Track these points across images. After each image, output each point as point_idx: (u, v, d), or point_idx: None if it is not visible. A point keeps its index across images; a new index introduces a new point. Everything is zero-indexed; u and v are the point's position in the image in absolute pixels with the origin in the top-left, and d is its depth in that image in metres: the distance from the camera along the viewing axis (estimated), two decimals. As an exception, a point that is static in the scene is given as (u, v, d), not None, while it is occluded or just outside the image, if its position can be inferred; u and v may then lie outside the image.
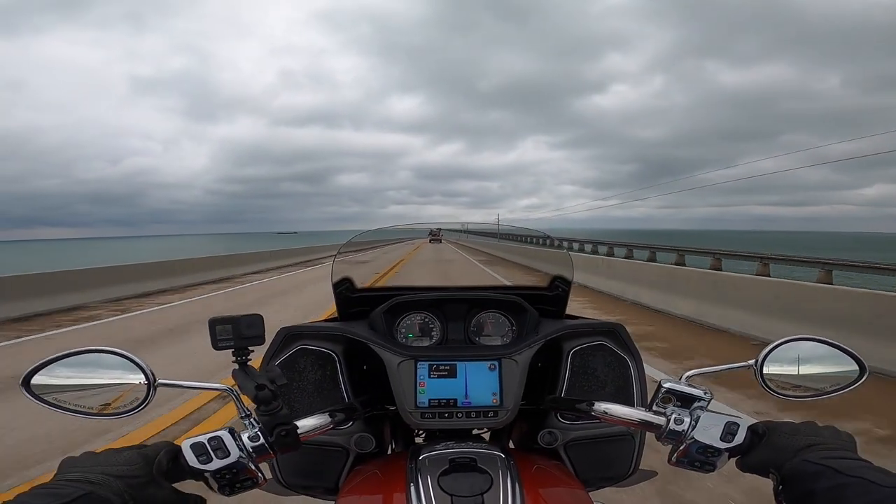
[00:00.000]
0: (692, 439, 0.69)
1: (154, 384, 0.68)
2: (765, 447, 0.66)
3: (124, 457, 0.60)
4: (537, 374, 1.06)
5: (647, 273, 9.63)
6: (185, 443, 0.65)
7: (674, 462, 0.72)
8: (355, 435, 0.95)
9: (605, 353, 1.03)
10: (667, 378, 0.75)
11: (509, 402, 0.91)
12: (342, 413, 0.83)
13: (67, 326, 7.31)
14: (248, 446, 0.67)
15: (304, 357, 1.00)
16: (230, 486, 0.66)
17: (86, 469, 0.57)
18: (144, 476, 0.59)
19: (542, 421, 0.99)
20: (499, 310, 1.11)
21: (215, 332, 0.73)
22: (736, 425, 0.69)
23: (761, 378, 0.74)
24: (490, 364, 0.93)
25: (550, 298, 1.18)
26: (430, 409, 0.90)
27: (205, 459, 0.64)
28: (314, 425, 0.76)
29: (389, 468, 0.84)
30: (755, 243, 44.66)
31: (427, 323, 1.10)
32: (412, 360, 0.92)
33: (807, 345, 0.76)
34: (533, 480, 0.76)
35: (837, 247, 44.43)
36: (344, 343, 1.02)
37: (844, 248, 34.68)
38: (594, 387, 1.01)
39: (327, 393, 0.99)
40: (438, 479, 0.72)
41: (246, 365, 0.74)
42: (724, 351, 5.65)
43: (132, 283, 10.76)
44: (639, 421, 0.75)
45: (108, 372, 0.68)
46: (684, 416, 0.71)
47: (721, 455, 0.68)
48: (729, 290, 6.96)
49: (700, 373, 0.76)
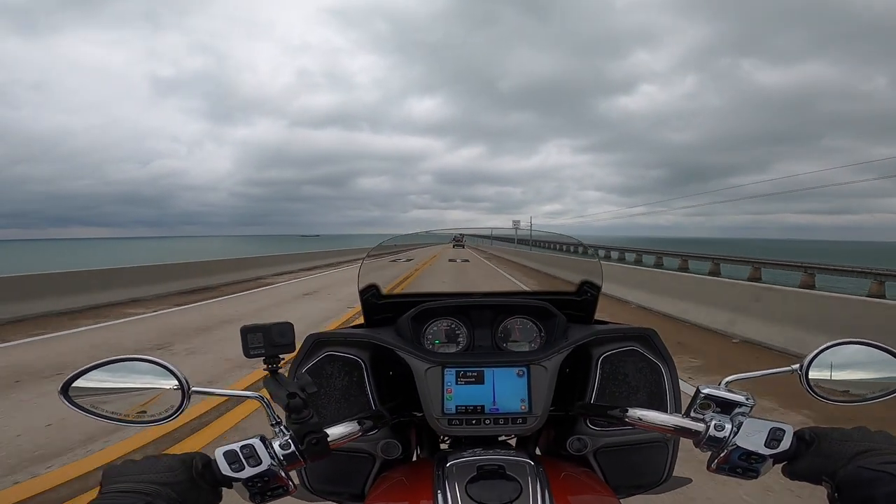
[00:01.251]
0: (734, 446, 0.67)
1: (188, 392, 0.69)
2: (814, 454, 0.64)
3: (165, 464, 0.61)
4: (566, 380, 1.05)
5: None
6: (218, 451, 0.65)
7: (714, 469, 0.69)
8: (382, 441, 0.95)
9: (637, 358, 1.01)
10: (705, 384, 0.73)
11: (538, 408, 0.89)
12: (370, 420, 0.83)
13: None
14: (280, 454, 0.67)
15: (332, 364, 1.00)
16: (261, 494, 0.66)
17: (132, 478, 0.59)
18: (187, 482, 0.61)
19: (570, 427, 0.98)
20: (526, 315, 1.09)
21: (247, 341, 0.74)
22: (782, 431, 0.66)
23: (807, 383, 0.72)
24: (518, 370, 0.92)
25: (579, 304, 1.16)
26: (457, 416, 0.89)
27: (237, 467, 0.64)
28: (343, 433, 0.76)
29: (416, 475, 0.83)
30: (793, 253, 43.11)
31: (454, 329, 1.09)
32: (439, 367, 0.92)
33: (853, 348, 0.73)
34: (562, 488, 0.74)
35: (880, 257, 42.50)
36: (371, 349, 1.02)
37: (886, 259, 33.06)
38: (625, 393, 0.99)
39: (354, 399, 0.99)
40: (466, 487, 0.71)
41: (277, 373, 0.75)
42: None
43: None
44: (676, 427, 0.73)
45: (143, 379, 0.69)
46: (725, 422, 0.69)
47: (765, 462, 0.66)
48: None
49: (740, 378, 0.73)
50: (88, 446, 3.04)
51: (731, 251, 36.52)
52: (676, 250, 35.11)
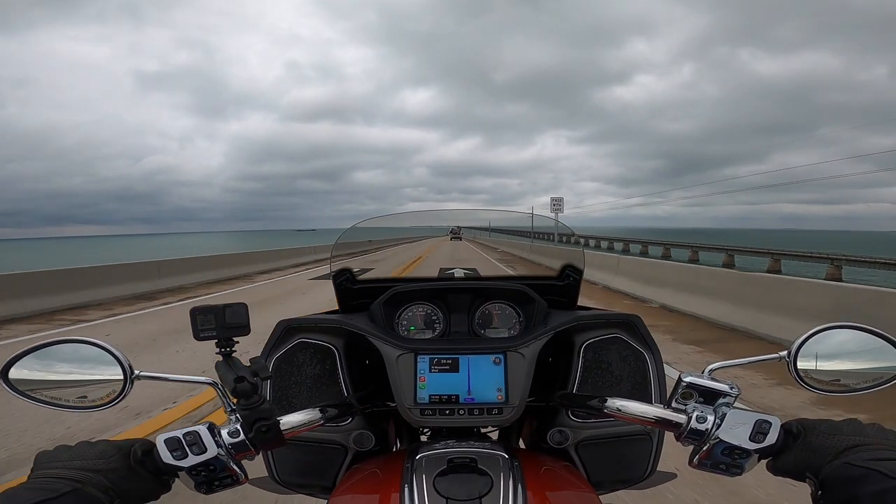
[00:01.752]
0: (717, 439, 0.62)
1: (132, 377, 0.65)
2: (801, 448, 0.59)
3: (99, 450, 0.58)
4: (548, 369, 1.01)
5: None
6: (160, 437, 0.62)
7: (696, 464, 0.65)
8: (354, 432, 0.91)
9: (621, 346, 0.97)
10: (688, 372, 0.68)
11: (515, 398, 0.85)
12: (335, 409, 0.79)
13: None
14: (227, 442, 0.63)
15: (303, 351, 0.97)
16: (207, 483, 0.62)
17: (64, 464, 0.56)
18: (123, 469, 0.58)
19: (552, 419, 0.94)
20: (505, 300, 1.06)
21: (196, 322, 0.70)
22: (768, 424, 0.61)
23: (795, 371, 0.67)
24: (494, 358, 0.88)
25: (561, 289, 1.12)
26: (430, 406, 0.85)
27: (179, 455, 0.60)
28: (301, 421, 0.72)
29: (387, 467, 0.80)
30: (789, 243, 43.04)
31: (429, 315, 1.06)
32: (412, 354, 0.88)
33: (846, 334, 0.68)
34: (539, 483, 0.71)
35: (877, 247, 42.37)
36: (344, 336, 0.98)
37: (885, 250, 32.93)
38: (608, 382, 0.95)
39: (326, 388, 0.96)
40: (434, 481, 0.67)
41: (230, 357, 0.70)
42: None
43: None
44: (656, 419, 0.69)
45: (85, 363, 0.66)
46: (708, 413, 0.64)
47: (750, 457, 0.61)
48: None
49: (725, 365, 0.69)
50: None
51: (729, 241, 36.58)
52: (689, 241, 35.03)
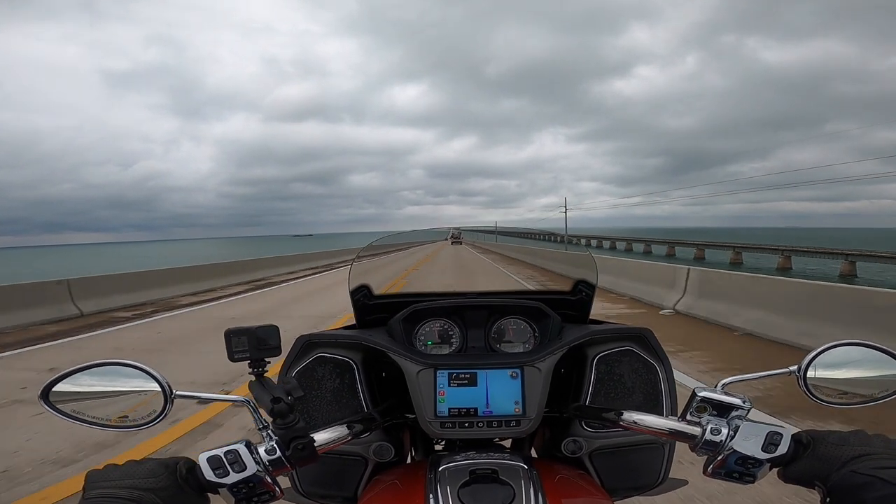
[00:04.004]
0: (731, 450, 0.66)
1: (171, 396, 0.68)
2: (810, 458, 0.63)
3: (148, 469, 0.60)
4: (561, 381, 1.04)
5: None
6: (202, 456, 0.64)
7: (710, 473, 0.69)
8: (374, 444, 0.94)
9: (632, 359, 1.00)
10: (701, 386, 0.71)
11: (532, 410, 0.88)
12: (360, 424, 0.82)
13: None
14: (265, 460, 0.66)
15: (323, 366, 0.99)
16: (246, 500, 0.64)
17: (116, 483, 0.58)
18: (172, 487, 0.60)
19: (565, 429, 0.97)
20: (520, 316, 1.08)
21: (231, 344, 0.73)
22: (779, 435, 0.65)
23: (805, 385, 0.71)
24: (512, 372, 0.90)
25: (573, 303, 1.15)
26: (450, 419, 0.88)
27: (221, 473, 0.63)
28: (331, 437, 0.75)
29: (408, 478, 0.82)
30: (793, 241, 42.75)
31: (446, 330, 1.08)
32: (431, 369, 0.90)
33: (854, 350, 0.72)
34: (557, 491, 0.74)
35: (884, 243, 42.07)
36: (362, 351, 1.00)
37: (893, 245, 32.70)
38: (621, 394, 0.98)
39: (346, 402, 0.98)
40: (459, 492, 0.70)
41: (262, 377, 0.73)
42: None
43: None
44: (671, 431, 0.72)
45: (125, 384, 0.68)
46: (721, 425, 0.68)
47: (762, 466, 0.65)
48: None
49: (737, 380, 0.72)
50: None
51: (734, 240, 36.52)
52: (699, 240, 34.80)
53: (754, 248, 23.42)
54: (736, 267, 23.76)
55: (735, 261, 21.77)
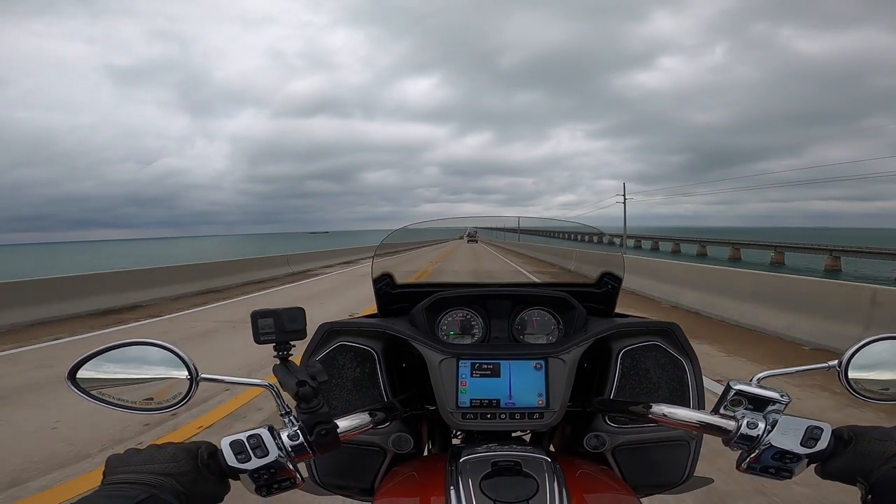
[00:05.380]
0: (767, 444, 0.64)
1: (197, 378, 0.68)
2: (851, 453, 0.61)
3: (169, 453, 0.60)
4: (583, 375, 1.02)
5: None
6: (224, 440, 0.63)
7: (744, 469, 0.66)
8: (393, 435, 0.93)
9: (659, 353, 0.97)
10: (736, 380, 0.69)
11: (556, 403, 0.87)
12: (382, 412, 0.81)
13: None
14: (288, 445, 0.65)
15: (344, 354, 0.99)
16: (268, 486, 0.64)
17: (137, 468, 0.58)
18: (193, 472, 0.59)
19: (587, 424, 0.95)
20: (544, 307, 1.07)
21: (257, 326, 0.72)
22: (819, 430, 0.63)
23: (846, 380, 0.68)
24: (536, 363, 0.89)
25: (599, 296, 1.13)
26: (471, 410, 0.87)
27: (243, 458, 0.62)
28: (354, 425, 0.75)
29: (427, 470, 0.81)
30: (824, 241, 41.14)
31: (469, 320, 1.07)
32: (454, 359, 0.89)
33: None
34: (580, 486, 0.72)
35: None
36: (384, 340, 1.00)
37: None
38: (646, 389, 0.96)
39: (366, 391, 0.98)
40: (480, 483, 0.69)
41: (287, 360, 0.73)
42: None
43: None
44: (703, 424, 0.70)
45: (151, 365, 0.68)
46: (758, 419, 0.65)
47: (800, 461, 0.63)
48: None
49: (773, 374, 0.70)
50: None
51: (760, 240, 35.73)
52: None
53: (799, 248, 21.86)
54: (778, 267, 22.49)
55: (776, 261, 20.83)
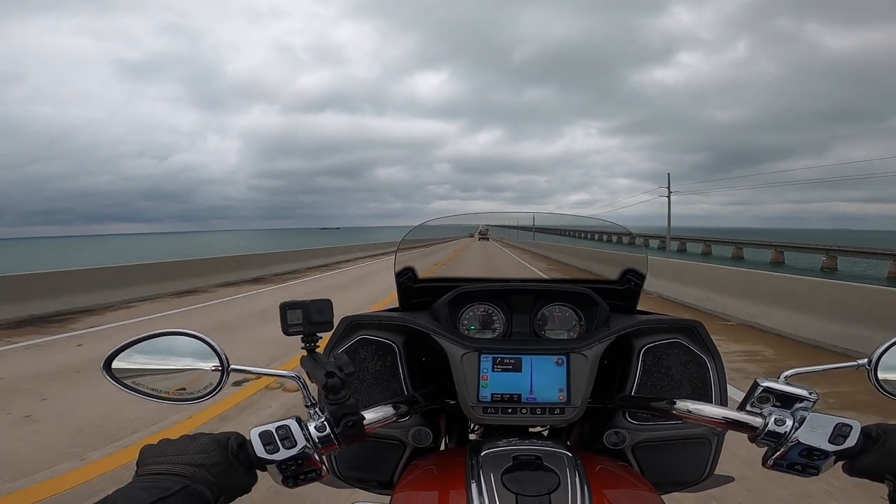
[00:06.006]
0: (795, 441, 0.64)
1: (228, 369, 0.68)
2: (880, 451, 0.61)
3: (201, 444, 0.61)
4: (604, 372, 1.02)
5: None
6: (254, 431, 0.64)
7: (770, 465, 0.66)
8: (413, 429, 0.94)
9: (681, 351, 0.97)
10: (764, 377, 0.69)
11: (577, 399, 0.87)
12: (405, 405, 0.82)
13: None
14: (315, 436, 0.66)
15: (365, 347, 0.99)
16: (293, 477, 0.64)
17: (170, 459, 0.59)
18: (223, 463, 0.60)
19: (607, 420, 0.95)
20: (566, 302, 1.06)
21: (286, 317, 0.73)
22: (848, 427, 0.63)
23: (875, 379, 0.67)
24: (557, 359, 0.89)
25: (621, 293, 1.13)
26: (492, 404, 0.87)
27: (272, 449, 0.63)
28: (379, 417, 0.76)
29: (447, 463, 0.82)
30: (845, 243, 39.58)
31: (490, 315, 1.07)
32: (476, 353, 0.90)
33: None
34: (602, 481, 0.72)
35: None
36: (405, 334, 1.01)
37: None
38: (667, 386, 0.95)
39: (386, 384, 0.98)
40: (502, 477, 0.69)
41: (314, 352, 0.74)
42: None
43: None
44: (729, 421, 0.70)
45: (183, 356, 0.69)
46: (786, 416, 0.65)
47: (827, 458, 0.63)
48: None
49: (801, 372, 0.69)
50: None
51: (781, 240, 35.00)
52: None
53: (857, 253, 20.11)
54: (831, 273, 21.61)
55: (828, 266, 19.80)
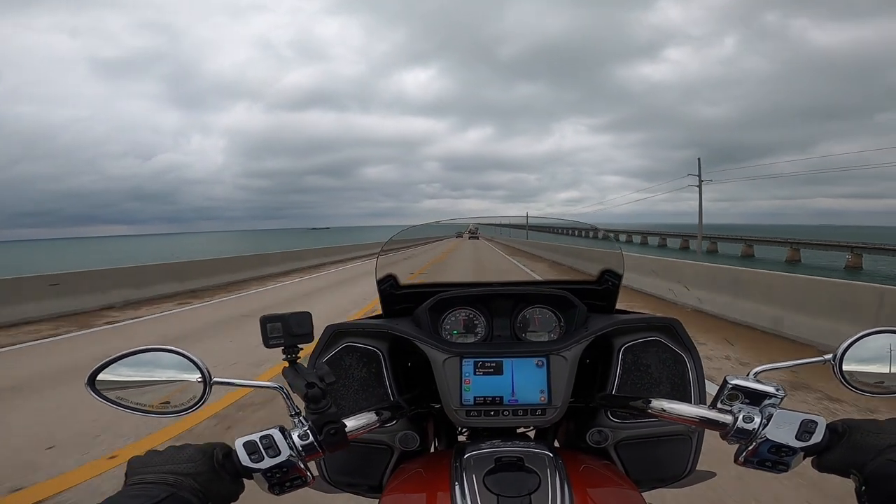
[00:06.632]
0: (763, 438, 0.65)
1: (210, 382, 0.70)
2: (845, 446, 0.62)
3: (187, 454, 0.63)
4: (586, 371, 1.04)
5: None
6: (238, 441, 0.66)
7: (741, 462, 0.68)
8: (399, 433, 0.95)
9: (660, 349, 0.99)
10: (733, 375, 0.71)
11: (558, 399, 0.88)
12: (388, 411, 0.83)
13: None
14: (298, 445, 0.68)
15: (350, 355, 1.01)
16: (280, 485, 0.66)
17: (157, 468, 0.60)
18: (209, 472, 0.62)
19: (590, 419, 0.97)
20: (546, 305, 1.08)
21: (266, 330, 0.75)
22: (814, 423, 0.64)
23: (840, 374, 0.69)
24: (537, 361, 0.91)
25: (599, 293, 1.15)
26: (475, 407, 0.89)
27: (256, 458, 0.65)
28: (361, 424, 0.77)
29: (434, 466, 0.83)
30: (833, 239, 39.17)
31: (472, 319, 1.09)
32: (457, 357, 0.91)
33: (893, 338, 0.70)
34: (582, 480, 0.74)
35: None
36: (389, 340, 1.02)
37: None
38: (647, 384, 0.97)
39: (372, 391, 1.00)
40: (484, 479, 0.71)
41: (296, 363, 0.75)
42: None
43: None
44: (701, 419, 0.72)
45: (166, 370, 0.70)
46: (754, 413, 0.67)
47: (796, 454, 0.65)
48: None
49: (770, 369, 0.71)
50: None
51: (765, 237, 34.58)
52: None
53: (880, 250, 20.46)
54: (856, 273, 21.67)
55: (853, 265, 19.78)
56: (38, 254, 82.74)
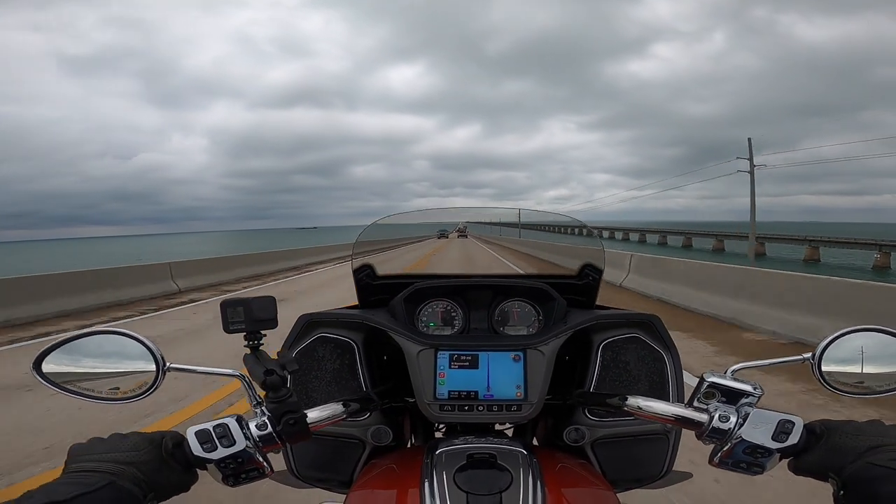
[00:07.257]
0: (739, 438, 0.63)
1: (164, 368, 0.67)
2: (823, 448, 0.60)
3: (131, 442, 0.60)
4: (565, 368, 1.02)
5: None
6: (190, 430, 0.63)
7: (716, 463, 0.66)
8: (372, 427, 0.93)
9: (639, 346, 0.97)
10: (710, 372, 0.69)
11: (534, 395, 0.86)
12: (356, 403, 0.80)
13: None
14: (255, 435, 0.65)
15: (324, 345, 0.98)
16: (235, 476, 0.63)
17: (98, 456, 0.57)
18: (155, 461, 0.59)
19: (568, 417, 0.95)
20: (524, 298, 1.06)
21: (227, 315, 0.71)
22: (791, 424, 0.62)
23: (819, 373, 0.68)
24: (514, 355, 0.88)
25: (580, 288, 1.13)
26: (449, 402, 0.86)
27: (209, 448, 0.62)
28: (325, 415, 0.74)
29: (405, 462, 0.81)
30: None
31: (449, 311, 1.07)
32: (432, 350, 0.89)
33: (869, 337, 0.69)
34: (556, 479, 0.72)
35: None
36: (364, 331, 0.99)
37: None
38: (626, 382, 0.96)
39: (345, 383, 0.97)
40: (454, 476, 0.69)
41: (258, 350, 0.72)
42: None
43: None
44: (676, 417, 0.70)
45: (118, 355, 0.67)
46: (730, 412, 0.65)
47: (772, 456, 0.62)
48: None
49: (747, 366, 0.69)
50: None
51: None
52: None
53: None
54: (884, 274, 22.16)
55: (881, 265, 20.34)
56: (14, 257, 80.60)
